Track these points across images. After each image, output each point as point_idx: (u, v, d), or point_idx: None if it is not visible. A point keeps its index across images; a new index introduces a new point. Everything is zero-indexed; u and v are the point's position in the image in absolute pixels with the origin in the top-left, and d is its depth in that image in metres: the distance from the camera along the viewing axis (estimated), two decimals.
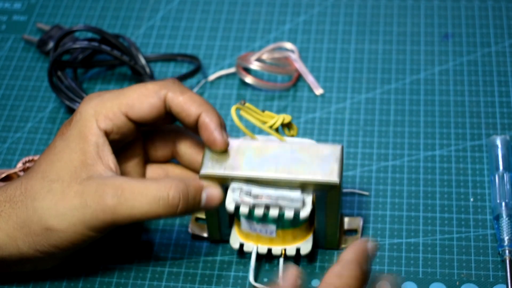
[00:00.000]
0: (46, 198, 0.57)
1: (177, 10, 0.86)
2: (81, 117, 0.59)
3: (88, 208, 0.56)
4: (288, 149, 0.59)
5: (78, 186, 0.56)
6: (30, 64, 0.82)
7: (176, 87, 0.59)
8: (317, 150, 0.59)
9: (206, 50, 0.82)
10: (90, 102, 0.59)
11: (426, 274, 0.63)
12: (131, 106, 0.59)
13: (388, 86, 0.77)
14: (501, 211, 0.64)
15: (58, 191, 0.57)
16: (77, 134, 0.58)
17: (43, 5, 0.88)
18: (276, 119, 0.61)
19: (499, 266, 0.63)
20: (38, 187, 0.57)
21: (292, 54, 0.79)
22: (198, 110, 0.59)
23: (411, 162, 0.70)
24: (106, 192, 0.56)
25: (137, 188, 0.56)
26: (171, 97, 0.59)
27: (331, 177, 0.57)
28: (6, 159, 0.74)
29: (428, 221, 0.66)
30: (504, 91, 0.75)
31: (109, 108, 0.59)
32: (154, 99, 0.59)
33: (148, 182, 0.57)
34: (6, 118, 0.77)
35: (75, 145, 0.58)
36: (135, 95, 0.59)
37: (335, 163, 0.58)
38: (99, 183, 0.56)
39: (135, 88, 0.60)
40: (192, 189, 0.57)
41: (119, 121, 0.59)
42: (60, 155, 0.58)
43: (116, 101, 0.59)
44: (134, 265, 0.65)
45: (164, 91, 0.59)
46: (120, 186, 0.56)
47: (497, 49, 0.79)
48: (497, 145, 0.69)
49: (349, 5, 0.85)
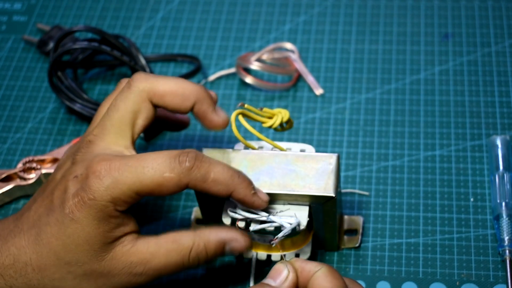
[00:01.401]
0: (67, 279, 0.56)
1: (177, 10, 0.86)
2: (96, 203, 0.54)
3: (116, 281, 0.56)
4: (283, 160, 0.58)
5: (102, 267, 0.55)
6: (30, 65, 0.82)
7: (197, 174, 0.54)
8: (312, 161, 0.58)
9: (206, 50, 0.82)
10: (103, 184, 0.54)
11: (426, 274, 0.63)
12: (150, 192, 0.54)
13: (388, 86, 0.76)
14: (501, 211, 0.64)
15: (79, 273, 0.56)
16: (93, 218, 0.54)
17: (43, 5, 0.88)
18: (275, 119, 0.61)
19: (499, 266, 0.63)
20: (54, 269, 0.56)
21: (292, 54, 0.79)
22: (226, 192, 0.55)
23: (411, 162, 0.70)
24: (134, 269, 0.56)
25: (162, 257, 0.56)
26: (193, 185, 0.55)
27: (326, 190, 0.56)
28: (6, 160, 0.74)
29: (428, 221, 0.66)
30: (504, 91, 0.75)
31: (126, 194, 0.54)
32: (174, 188, 0.54)
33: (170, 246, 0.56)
34: (6, 119, 0.77)
35: (92, 229, 0.54)
36: (152, 185, 0.54)
37: (330, 176, 0.57)
38: (124, 261, 0.56)
39: (152, 175, 0.54)
40: (214, 242, 0.57)
41: (134, 200, 0.55)
42: (73, 238, 0.55)
43: (133, 187, 0.54)
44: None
45: (185, 181, 0.54)
46: (145, 260, 0.56)
47: (497, 49, 0.79)
48: (497, 145, 0.69)
49: (349, 5, 0.85)
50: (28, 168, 0.70)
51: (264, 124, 0.61)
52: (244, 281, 0.63)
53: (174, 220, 0.68)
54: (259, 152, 0.59)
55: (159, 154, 0.55)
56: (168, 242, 0.56)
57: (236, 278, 0.63)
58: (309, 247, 0.61)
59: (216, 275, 0.64)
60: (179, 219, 0.68)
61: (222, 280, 0.63)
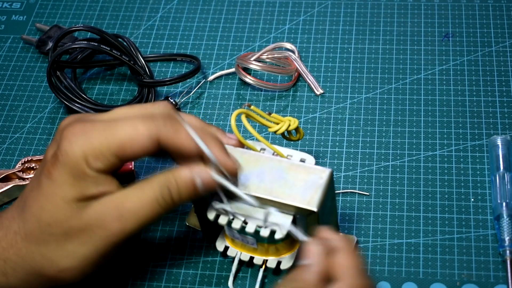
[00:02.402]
0: (50, 241, 0.55)
1: (177, 10, 0.86)
2: (68, 158, 0.54)
3: (97, 237, 0.55)
4: (277, 166, 0.57)
5: (79, 221, 0.55)
6: (29, 64, 0.82)
7: (169, 127, 0.55)
8: (304, 172, 0.57)
9: (206, 50, 0.81)
10: (75, 141, 0.54)
11: (426, 274, 0.62)
12: (122, 149, 0.54)
13: (389, 86, 0.76)
14: (501, 211, 0.64)
15: (59, 233, 0.55)
16: (68, 175, 0.54)
17: (42, 5, 0.88)
18: (281, 125, 0.61)
19: (500, 267, 0.62)
20: (37, 232, 0.56)
21: (292, 54, 0.78)
22: (198, 148, 0.55)
23: (411, 162, 0.70)
24: (109, 215, 0.55)
25: (135, 197, 0.55)
26: (165, 139, 0.55)
27: (309, 204, 0.55)
28: (5, 160, 0.73)
29: (429, 222, 0.66)
30: (505, 90, 0.75)
31: (98, 149, 0.54)
32: (146, 142, 0.54)
33: (143, 186, 0.55)
34: (5, 119, 0.77)
35: (68, 186, 0.55)
36: (124, 137, 0.54)
37: (317, 190, 0.56)
38: (99, 211, 0.55)
39: (123, 127, 0.55)
40: (183, 179, 0.55)
41: (110, 161, 0.55)
42: (50, 197, 0.55)
43: (105, 142, 0.54)
44: (134, 266, 0.64)
45: (156, 133, 0.54)
46: (120, 203, 0.55)
47: (497, 48, 0.79)
48: (497, 145, 0.69)
49: (349, 5, 0.84)
50: (27, 168, 0.70)
51: (270, 129, 0.61)
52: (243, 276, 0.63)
53: (173, 220, 0.67)
54: (256, 153, 0.59)
55: (131, 108, 0.56)
56: (141, 182, 0.56)
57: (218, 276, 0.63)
58: (292, 258, 0.61)
59: (216, 269, 0.63)
60: (178, 218, 0.68)
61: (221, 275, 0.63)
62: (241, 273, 0.64)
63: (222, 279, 0.63)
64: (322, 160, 0.71)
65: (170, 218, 0.68)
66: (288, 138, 0.64)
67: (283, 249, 0.60)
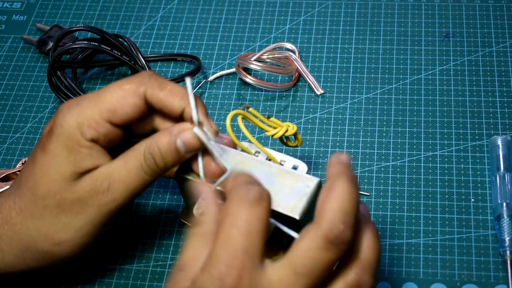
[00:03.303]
0: (44, 215, 0.56)
1: (177, 10, 0.86)
2: (63, 130, 0.55)
3: (90, 208, 0.55)
4: (266, 170, 0.56)
5: (72, 193, 0.55)
6: (30, 64, 0.82)
7: (154, 82, 0.56)
8: (292, 179, 0.56)
9: (206, 50, 0.81)
10: (69, 113, 0.55)
11: (427, 274, 0.62)
12: (113, 112, 0.55)
13: (389, 86, 0.76)
14: (502, 212, 0.64)
15: (54, 206, 0.56)
16: (63, 147, 0.55)
17: (43, 4, 0.88)
18: (278, 130, 0.60)
19: (500, 267, 0.62)
20: (32, 206, 0.56)
21: (292, 54, 0.78)
22: (181, 104, 0.56)
23: (411, 162, 0.70)
24: (99, 186, 0.55)
25: (121, 167, 0.55)
26: (151, 93, 0.55)
27: (292, 211, 0.54)
28: (6, 159, 0.73)
29: (429, 222, 0.66)
30: (505, 91, 0.75)
31: (90, 117, 0.55)
32: (134, 99, 0.55)
33: (127, 155, 0.56)
34: (5, 119, 0.77)
35: (62, 159, 0.55)
36: (113, 99, 0.55)
37: (303, 198, 0.54)
38: (90, 182, 0.55)
39: (111, 91, 0.56)
40: (163, 142, 0.55)
41: (103, 129, 0.55)
42: (45, 169, 0.56)
43: (96, 109, 0.55)
44: (134, 266, 0.64)
45: (142, 89, 0.55)
46: (108, 174, 0.55)
47: (498, 49, 0.79)
48: (498, 145, 0.68)
49: (349, 5, 0.84)
50: None
51: (267, 133, 0.61)
52: None
53: (173, 220, 0.68)
54: (247, 155, 0.58)
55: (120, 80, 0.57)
56: (126, 151, 0.56)
57: None
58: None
59: None
60: (178, 219, 0.68)
61: None
62: None
63: None
64: (322, 160, 0.71)
65: (170, 218, 0.68)
66: (285, 143, 0.63)
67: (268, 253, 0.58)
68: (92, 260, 0.65)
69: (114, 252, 0.66)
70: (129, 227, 0.67)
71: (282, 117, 0.74)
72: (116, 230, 0.66)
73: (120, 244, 0.66)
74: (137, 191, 0.56)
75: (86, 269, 0.64)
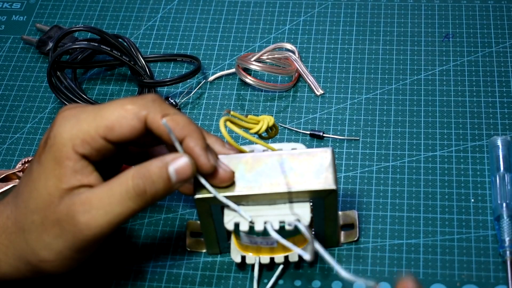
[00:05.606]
0: (31, 230, 0.55)
1: (177, 10, 0.86)
2: (55, 141, 0.54)
3: (68, 233, 0.54)
4: (279, 159, 0.58)
5: (53, 213, 0.54)
6: (29, 65, 0.82)
7: (157, 107, 0.55)
8: (308, 158, 0.58)
9: (206, 51, 0.81)
10: (65, 124, 0.55)
11: (426, 275, 0.62)
12: (110, 129, 0.54)
13: (389, 86, 0.76)
14: (502, 212, 0.64)
15: (38, 223, 0.55)
16: (52, 159, 0.54)
17: (42, 5, 0.88)
18: (261, 125, 0.61)
19: (500, 267, 0.62)
20: (23, 219, 0.55)
21: (292, 55, 0.78)
22: (181, 134, 0.55)
23: (411, 162, 0.70)
24: (76, 211, 0.53)
25: (103, 193, 0.54)
26: (152, 119, 0.54)
27: (326, 184, 0.57)
28: (5, 160, 0.73)
29: (429, 222, 0.66)
30: (505, 91, 0.75)
31: (86, 131, 0.54)
32: (134, 121, 0.54)
33: (111, 181, 0.54)
34: (5, 119, 0.77)
35: (50, 171, 0.54)
36: (113, 117, 0.54)
37: (328, 169, 0.57)
38: (69, 205, 0.54)
39: (112, 108, 0.55)
40: (155, 169, 0.54)
41: (97, 144, 0.54)
42: (36, 183, 0.55)
43: (93, 124, 0.54)
44: (134, 267, 0.64)
45: (144, 112, 0.55)
46: (87, 199, 0.53)
47: (498, 49, 0.79)
48: (498, 145, 0.68)
49: (349, 5, 0.84)
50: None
51: (252, 130, 0.61)
52: (244, 277, 0.63)
53: (173, 220, 0.67)
54: (254, 154, 0.59)
55: (122, 98, 0.56)
56: (112, 178, 0.55)
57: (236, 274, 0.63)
58: (311, 247, 0.61)
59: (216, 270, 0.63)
60: (178, 219, 0.68)
61: (222, 275, 0.63)
62: (241, 274, 0.64)
63: (222, 280, 0.63)
64: None
65: (170, 218, 0.68)
66: (266, 137, 0.64)
67: (300, 239, 0.59)
68: (92, 260, 0.65)
69: (114, 252, 0.65)
70: (129, 227, 0.67)
71: (282, 118, 0.74)
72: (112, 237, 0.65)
73: (120, 244, 0.66)
74: (118, 220, 0.54)
75: (86, 269, 0.64)
